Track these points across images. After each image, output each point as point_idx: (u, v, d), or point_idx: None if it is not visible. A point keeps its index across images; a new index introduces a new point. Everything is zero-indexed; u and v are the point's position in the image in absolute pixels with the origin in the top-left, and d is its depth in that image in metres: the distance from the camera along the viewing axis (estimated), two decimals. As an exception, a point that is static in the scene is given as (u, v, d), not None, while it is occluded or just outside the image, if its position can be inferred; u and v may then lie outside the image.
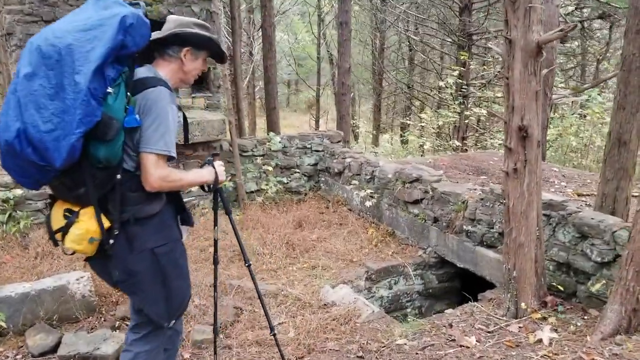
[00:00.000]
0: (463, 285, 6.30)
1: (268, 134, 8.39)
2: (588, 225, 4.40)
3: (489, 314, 4.58)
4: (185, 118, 3.13)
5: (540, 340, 3.95)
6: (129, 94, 2.47)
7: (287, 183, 8.16)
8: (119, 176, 2.52)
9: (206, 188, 3.16)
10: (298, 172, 8.29)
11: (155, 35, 2.70)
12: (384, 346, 4.20)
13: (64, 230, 2.54)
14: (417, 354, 3.98)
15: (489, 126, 14.36)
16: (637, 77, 4.50)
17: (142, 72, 2.69)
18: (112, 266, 2.69)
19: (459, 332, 4.29)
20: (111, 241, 2.57)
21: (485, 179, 7.74)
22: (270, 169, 7.89)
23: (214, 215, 3.47)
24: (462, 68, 13.00)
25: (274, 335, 3.73)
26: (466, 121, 13.11)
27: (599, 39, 17.52)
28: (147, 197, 2.66)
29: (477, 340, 4.08)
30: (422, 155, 13.66)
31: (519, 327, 4.23)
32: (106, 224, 2.53)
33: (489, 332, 4.24)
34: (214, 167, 3.06)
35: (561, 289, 4.55)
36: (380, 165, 6.97)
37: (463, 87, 13.33)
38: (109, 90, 2.36)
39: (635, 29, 4.48)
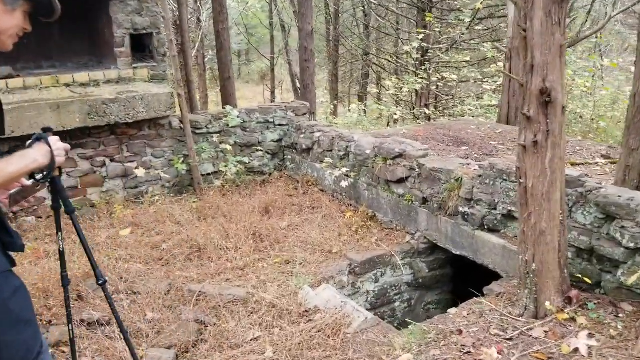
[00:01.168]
0: (456, 273, 5.62)
1: (224, 108, 7.41)
2: (615, 204, 3.71)
3: (503, 313, 3.86)
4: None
5: (576, 350, 3.26)
6: None
7: (249, 163, 7.24)
8: None
9: (38, 176, 2.18)
10: (260, 150, 7.37)
11: None
12: (385, 364, 3.44)
13: None
14: (430, 376, 3.23)
15: (457, 92, 13.70)
16: (670, 26, 3.77)
17: None
18: None
19: (473, 340, 3.56)
20: None
21: (467, 150, 7.04)
22: (229, 147, 6.94)
23: (55, 215, 2.52)
24: (426, 31, 12.21)
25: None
26: (433, 87, 12.38)
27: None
28: None
29: (498, 353, 3.36)
30: (388, 126, 12.93)
31: (544, 331, 3.53)
32: None
33: (509, 339, 3.52)
34: (49, 146, 2.13)
35: (588, 281, 3.87)
36: (355, 140, 6.15)
37: (428, 51, 12.56)
38: None
39: (668, -32, 3.74)
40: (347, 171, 6.06)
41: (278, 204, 6.30)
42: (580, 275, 3.88)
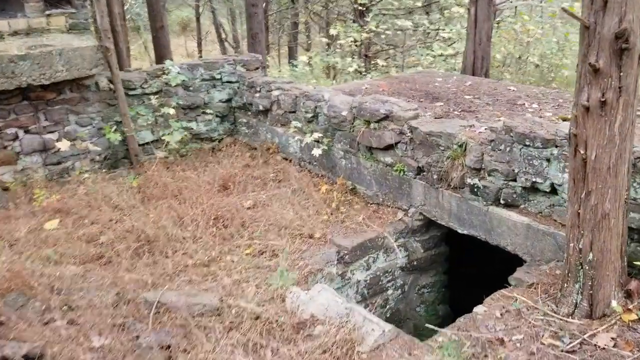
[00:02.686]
0: (452, 249, 4.92)
1: (162, 63, 6.21)
2: (679, 174, 3.03)
3: (546, 313, 3.16)
4: None
5: (666, 366, 2.60)
6: None
7: (195, 128, 6.14)
8: None
9: None
10: (208, 113, 6.27)
11: None
12: (423, 398, 2.66)
13: None
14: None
15: (404, 42, 12.83)
16: None
17: None
18: None
19: (525, 355, 2.84)
20: None
21: (443, 107, 6.25)
22: (172, 111, 5.82)
23: None
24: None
25: None
26: (383, 36, 11.50)
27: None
28: None
29: (566, 373, 2.65)
30: (334, 79, 11.98)
31: (612, 338, 2.84)
32: None
33: (570, 352, 2.82)
34: None
35: (647, 268, 3.21)
36: (326, 99, 5.20)
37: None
38: None
39: None
40: (319, 137, 5.13)
41: (237, 177, 5.31)
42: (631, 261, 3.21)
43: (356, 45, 12.41)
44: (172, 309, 3.47)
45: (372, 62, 11.63)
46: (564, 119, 5.55)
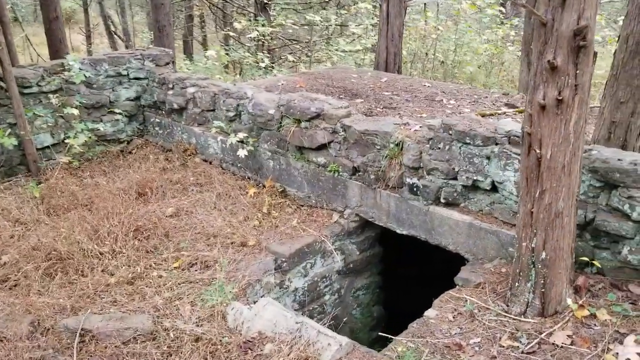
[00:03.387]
0: (386, 250, 4.83)
1: (64, 57, 5.58)
2: (619, 170, 3.09)
3: (499, 313, 3.13)
4: None
5: (627, 362, 2.61)
6: None
7: (102, 129, 5.60)
8: None
9: None
10: (117, 113, 5.74)
11: None
12: (392, 415, 2.50)
13: None
14: None
15: (303, 38, 12.68)
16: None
17: None
18: None
19: (487, 358, 2.76)
20: None
21: (364, 103, 6.19)
22: (75, 111, 5.25)
23: None
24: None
25: None
26: (290, 31, 11.27)
27: None
28: None
29: (531, 377, 2.60)
30: (240, 75, 11.60)
31: (567, 335, 2.84)
32: None
33: (530, 352, 2.78)
34: None
35: (597, 264, 3.25)
36: (249, 97, 4.91)
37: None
38: None
39: None
40: (244, 137, 4.83)
41: (155, 183, 4.88)
42: (586, 258, 3.25)
43: (265, 40, 12.11)
44: (100, 336, 3.07)
45: (282, 57, 11.37)
46: (483, 115, 5.66)
